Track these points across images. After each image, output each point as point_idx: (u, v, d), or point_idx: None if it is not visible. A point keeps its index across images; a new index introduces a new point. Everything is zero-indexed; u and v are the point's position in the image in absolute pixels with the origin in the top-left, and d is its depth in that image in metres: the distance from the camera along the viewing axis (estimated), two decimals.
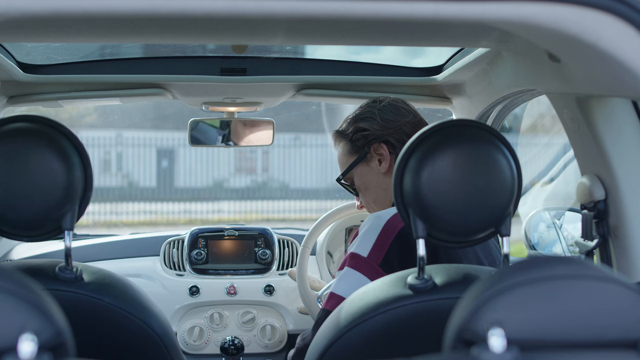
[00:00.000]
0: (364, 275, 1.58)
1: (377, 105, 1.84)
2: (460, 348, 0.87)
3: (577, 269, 0.89)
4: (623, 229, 1.51)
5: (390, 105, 1.83)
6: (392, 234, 1.61)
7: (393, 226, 1.62)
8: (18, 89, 2.13)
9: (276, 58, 2.20)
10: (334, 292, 1.61)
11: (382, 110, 1.82)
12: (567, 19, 1.04)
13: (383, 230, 1.61)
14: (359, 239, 1.63)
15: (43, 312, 0.86)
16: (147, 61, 2.19)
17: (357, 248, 1.62)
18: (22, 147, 1.23)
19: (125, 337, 1.32)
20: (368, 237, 1.62)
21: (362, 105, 1.88)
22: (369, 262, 1.59)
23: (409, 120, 1.80)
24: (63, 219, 1.25)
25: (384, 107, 1.83)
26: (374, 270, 1.58)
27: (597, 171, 1.55)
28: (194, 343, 2.56)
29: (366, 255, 1.60)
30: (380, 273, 1.56)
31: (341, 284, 1.61)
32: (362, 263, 1.60)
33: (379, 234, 1.61)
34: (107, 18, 1.13)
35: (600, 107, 1.50)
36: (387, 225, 1.62)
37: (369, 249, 1.60)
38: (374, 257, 1.59)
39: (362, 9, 1.01)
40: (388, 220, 1.63)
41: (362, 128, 1.81)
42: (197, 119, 2.34)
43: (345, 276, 1.61)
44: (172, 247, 2.63)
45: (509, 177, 1.24)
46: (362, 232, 1.64)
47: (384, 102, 1.84)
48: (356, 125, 1.83)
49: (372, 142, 1.80)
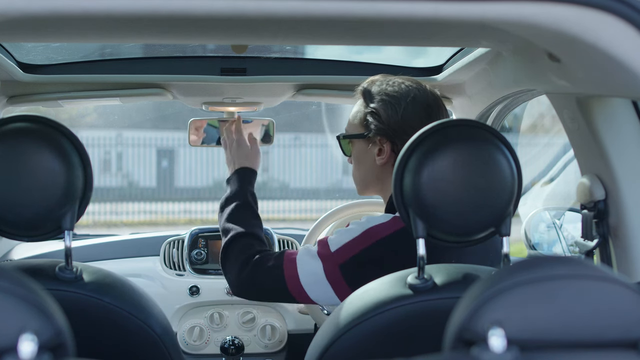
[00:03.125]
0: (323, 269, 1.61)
1: (409, 95, 1.67)
2: (460, 348, 0.87)
3: (577, 269, 0.89)
4: (623, 229, 1.51)
5: (421, 105, 1.67)
6: (371, 240, 1.60)
7: (375, 234, 1.60)
8: (18, 89, 2.13)
9: (276, 58, 2.20)
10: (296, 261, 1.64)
11: (408, 108, 1.66)
12: (567, 19, 1.04)
13: (364, 234, 1.61)
14: (341, 232, 1.64)
15: (43, 312, 0.86)
16: (147, 61, 2.19)
17: (333, 239, 1.63)
18: (22, 147, 1.23)
19: (125, 337, 1.32)
20: (346, 235, 1.62)
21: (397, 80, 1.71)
22: (332, 258, 1.61)
23: None
24: (63, 219, 1.25)
25: (413, 105, 1.66)
26: (333, 269, 1.60)
27: (597, 171, 1.55)
28: (194, 343, 2.56)
29: (333, 251, 1.61)
30: (335, 273, 1.60)
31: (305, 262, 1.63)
32: (327, 256, 1.62)
33: (356, 237, 1.61)
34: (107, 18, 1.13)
35: (600, 107, 1.50)
36: (369, 231, 1.61)
37: (339, 246, 1.61)
38: (337, 256, 1.61)
39: (362, 9, 1.01)
40: (372, 227, 1.61)
41: (378, 114, 1.68)
42: (197, 118, 2.35)
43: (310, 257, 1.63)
44: (172, 247, 2.63)
45: (509, 177, 1.24)
46: (348, 227, 1.65)
47: (418, 99, 1.67)
48: (377, 107, 1.69)
49: (381, 134, 1.69)
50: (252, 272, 1.69)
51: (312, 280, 1.62)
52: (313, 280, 1.62)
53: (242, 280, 1.71)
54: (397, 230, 1.59)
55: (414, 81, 1.73)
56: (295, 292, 1.64)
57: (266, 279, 1.67)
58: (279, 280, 1.64)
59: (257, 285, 1.70)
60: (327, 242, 1.64)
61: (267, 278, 1.67)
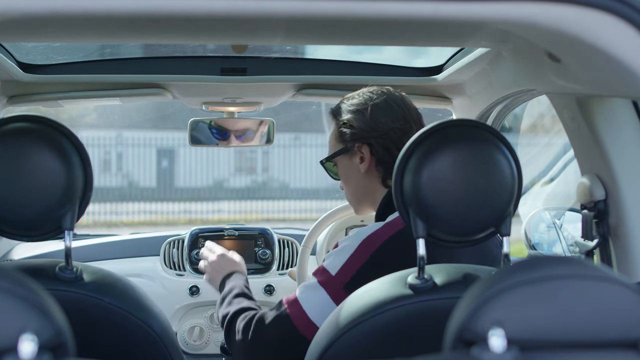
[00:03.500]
0: (329, 296, 1.56)
1: (372, 99, 1.73)
2: (460, 348, 0.87)
3: (577, 269, 0.89)
4: (623, 229, 1.51)
5: (386, 103, 1.72)
6: (366, 255, 1.57)
7: (369, 246, 1.58)
8: (18, 89, 2.13)
9: (276, 58, 2.20)
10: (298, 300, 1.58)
11: (374, 108, 1.71)
12: (567, 19, 1.03)
13: (359, 248, 1.58)
14: (334, 253, 1.61)
15: (43, 312, 0.86)
16: (147, 61, 2.19)
17: (329, 263, 1.60)
18: (22, 147, 1.23)
19: (125, 337, 1.32)
20: (342, 254, 1.59)
21: (363, 91, 1.77)
22: (335, 281, 1.57)
23: (399, 126, 1.69)
24: (63, 219, 1.25)
25: (378, 105, 1.72)
26: (338, 292, 1.55)
27: (597, 171, 1.55)
28: (194, 343, 2.56)
29: (334, 274, 1.57)
30: (342, 296, 1.48)
31: (308, 295, 1.58)
32: (329, 281, 1.57)
33: (352, 253, 1.58)
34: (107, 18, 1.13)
35: (600, 107, 1.50)
36: (363, 244, 1.58)
37: (339, 267, 1.57)
38: (341, 277, 1.57)
39: (362, 9, 1.01)
40: (365, 239, 1.59)
41: (350, 124, 1.72)
42: (197, 119, 2.35)
43: (312, 289, 1.58)
44: (172, 247, 2.63)
45: (509, 177, 1.24)
46: (340, 247, 1.62)
47: (381, 99, 1.73)
48: (346, 117, 1.74)
49: (357, 140, 1.72)
50: (257, 330, 1.59)
51: (320, 310, 1.54)
52: (321, 310, 1.54)
53: (250, 343, 1.59)
54: (391, 236, 1.58)
55: (377, 87, 1.77)
56: (307, 330, 1.54)
57: (273, 330, 1.58)
58: (286, 325, 1.56)
59: (266, 340, 1.59)
60: (324, 268, 1.60)
61: (274, 329, 1.58)
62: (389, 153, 1.69)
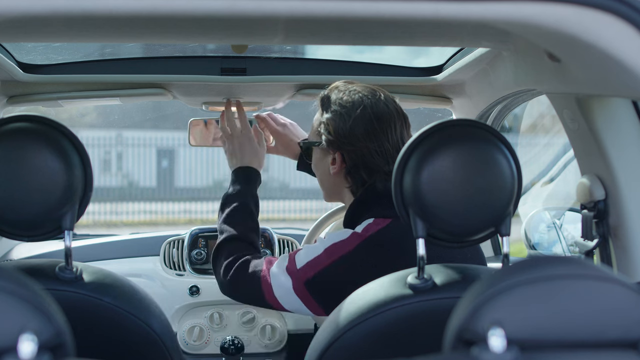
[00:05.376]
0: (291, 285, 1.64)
1: (360, 107, 1.66)
2: (460, 348, 0.87)
3: (577, 269, 0.89)
4: (623, 229, 1.51)
5: (373, 116, 1.66)
6: (332, 258, 1.62)
7: (335, 252, 1.62)
8: (18, 89, 2.13)
9: (276, 58, 2.20)
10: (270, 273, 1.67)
11: (357, 119, 1.66)
12: (567, 19, 1.03)
13: (325, 251, 1.63)
14: (306, 248, 1.67)
15: (43, 312, 0.86)
16: (147, 61, 2.18)
17: (299, 255, 1.66)
18: (22, 147, 1.23)
19: (125, 337, 1.32)
20: (310, 253, 1.65)
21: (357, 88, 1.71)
22: (298, 275, 1.63)
23: (375, 148, 1.65)
24: (63, 219, 1.25)
25: (362, 116, 1.65)
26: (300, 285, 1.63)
27: (597, 171, 1.55)
28: (194, 343, 2.55)
29: (299, 268, 1.64)
30: (302, 290, 1.63)
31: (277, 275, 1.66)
32: (294, 273, 1.64)
33: (317, 255, 1.63)
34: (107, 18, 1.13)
35: (600, 107, 1.50)
36: (330, 249, 1.63)
37: (304, 264, 1.64)
38: (303, 273, 1.63)
39: (362, 9, 1.01)
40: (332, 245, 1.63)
41: (329, 126, 1.70)
42: (197, 118, 2.34)
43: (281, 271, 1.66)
44: (172, 247, 2.63)
45: (509, 177, 1.24)
46: (314, 245, 1.67)
47: (368, 110, 1.66)
48: (328, 116, 1.70)
49: (330, 145, 1.71)
50: (235, 275, 1.74)
51: (284, 293, 1.65)
52: (285, 293, 1.65)
53: (227, 283, 1.77)
54: (354, 248, 1.60)
55: (370, 90, 1.71)
56: (272, 301, 1.68)
57: (246, 285, 1.72)
58: (257, 288, 1.69)
59: (240, 289, 1.76)
60: (294, 258, 1.66)
61: (247, 284, 1.72)
62: (356, 169, 1.70)
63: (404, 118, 1.72)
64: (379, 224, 1.62)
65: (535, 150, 5.39)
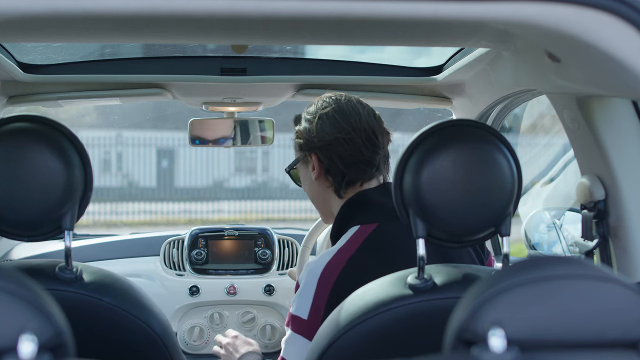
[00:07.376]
0: (308, 340, 1.54)
1: (324, 107, 1.73)
2: (460, 348, 0.87)
3: (577, 269, 0.89)
4: (623, 229, 1.51)
5: (336, 112, 1.71)
6: (327, 289, 1.56)
7: (327, 280, 1.57)
8: (18, 89, 2.13)
9: (276, 58, 2.20)
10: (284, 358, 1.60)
11: (323, 118, 1.71)
12: (567, 19, 1.03)
13: (318, 286, 1.57)
14: (298, 297, 1.60)
15: (43, 312, 0.86)
16: (147, 61, 2.19)
17: (297, 309, 1.59)
18: (22, 147, 1.23)
19: (125, 337, 1.32)
20: (306, 295, 1.58)
21: (320, 98, 1.77)
22: (310, 324, 1.56)
23: (343, 137, 1.69)
24: (63, 219, 1.25)
25: (327, 114, 1.71)
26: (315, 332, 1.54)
27: (597, 171, 1.55)
28: (194, 343, 2.56)
29: (306, 318, 1.57)
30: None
31: (290, 349, 1.59)
32: (305, 326, 1.57)
33: (315, 292, 1.57)
34: (107, 18, 1.13)
35: (600, 107, 1.50)
36: (321, 280, 1.57)
37: (309, 310, 1.57)
38: (314, 319, 1.56)
39: (362, 9, 1.01)
40: (321, 274, 1.58)
41: (300, 133, 1.76)
42: (197, 118, 2.35)
43: (292, 341, 1.58)
44: (172, 247, 2.63)
45: (509, 177, 1.24)
46: (300, 288, 1.60)
47: (330, 108, 1.72)
48: (298, 127, 1.77)
49: (305, 150, 1.75)
50: None
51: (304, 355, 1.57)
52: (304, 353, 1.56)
53: None
54: (345, 264, 1.57)
55: (332, 95, 1.77)
56: None
57: None
58: None
59: None
60: (294, 315, 1.59)
61: None
62: (333, 164, 1.71)
63: (372, 111, 1.75)
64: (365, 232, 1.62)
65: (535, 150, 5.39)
